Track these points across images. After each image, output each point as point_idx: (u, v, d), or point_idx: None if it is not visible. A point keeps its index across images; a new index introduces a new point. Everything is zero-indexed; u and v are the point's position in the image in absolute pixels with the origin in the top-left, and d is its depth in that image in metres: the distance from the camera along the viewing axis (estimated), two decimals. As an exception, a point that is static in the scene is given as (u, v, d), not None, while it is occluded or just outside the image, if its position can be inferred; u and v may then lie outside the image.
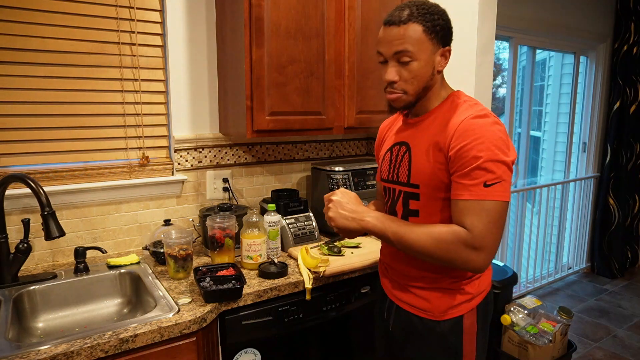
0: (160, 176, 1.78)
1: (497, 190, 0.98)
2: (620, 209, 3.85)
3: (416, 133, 1.15)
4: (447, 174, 1.05)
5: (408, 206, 1.14)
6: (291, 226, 1.74)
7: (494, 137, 0.99)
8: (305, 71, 1.68)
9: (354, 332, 1.61)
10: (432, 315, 1.14)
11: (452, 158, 1.03)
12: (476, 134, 0.99)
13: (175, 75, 1.77)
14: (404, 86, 1.09)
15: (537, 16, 3.15)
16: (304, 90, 1.69)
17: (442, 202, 1.08)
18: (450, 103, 1.12)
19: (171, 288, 1.37)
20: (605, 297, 3.51)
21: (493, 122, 1.02)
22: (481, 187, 0.98)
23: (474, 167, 0.98)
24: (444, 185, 1.06)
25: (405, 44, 1.05)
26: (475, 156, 0.98)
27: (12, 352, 1.01)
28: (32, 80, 1.53)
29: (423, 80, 1.09)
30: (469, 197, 1.00)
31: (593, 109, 3.84)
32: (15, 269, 1.41)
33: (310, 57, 1.69)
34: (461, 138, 1.01)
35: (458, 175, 1.01)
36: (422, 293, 1.15)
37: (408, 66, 1.07)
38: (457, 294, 1.13)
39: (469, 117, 1.02)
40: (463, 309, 1.13)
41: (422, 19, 1.05)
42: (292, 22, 1.62)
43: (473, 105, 1.08)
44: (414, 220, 1.13)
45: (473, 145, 0.99)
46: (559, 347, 2.18)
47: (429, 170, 1.08)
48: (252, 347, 1.38)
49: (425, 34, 1.05)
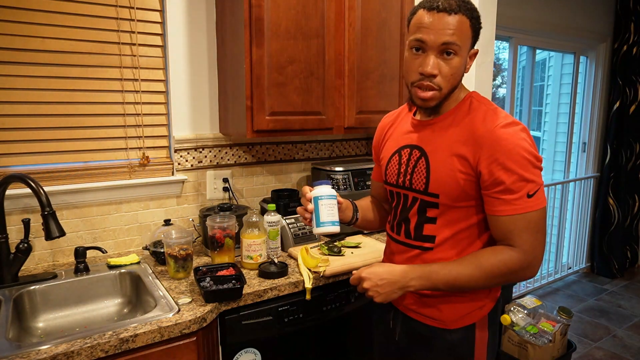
0: (160, 176, 1.78)
1: (539, 198, 0.95)
2: (620, 209, 3.86)
3: (432, 136, 1.07)
4: (474, 186, 1.00)
5: (425, 214, 1.08)
6: (291, 226, 1.74)
7: (527, 144, 0.95)
8: (305, 71, 1.68)
9: (354, 332, 1.61)
10: (443, 324, 1.09)
11: (483, 172, 0.97)
12: (509, 145, 0.94)
13: (175, 75, 1.77)
14: (440, 82, 0.99)
15: (537, 16, 3.15)
16: (304, 90, 1.69)
17: (464, 210, 1.04)
18: (469, 105, 1.04)
19: (171, 288, 1.37)
20: (605, 297, 3.51)
21: (521, 128, 0.97)
22: (525, 199, 0.94)
23: (515, 180, 0.94)
24: (467, 195, 1.01)
25: (454, 36, 0.95)
26: (513, 169, 0.93)
27: (12, 352, 1.01)
28: (32, 80, 1.53)
29: (458, 79, 1.02)
30: (513, 212, 0.95)
31: (593, 109, 3.85)
32: (15, 269, 1.41)
33: (310, 57, 1.69)
34: (493, 150, 0.95)
35: (497, 191, 0.96)
36: (432, 301, 1.10)
37: (451, 61, 0.97)
38: (470, 302, 1.08)
39: (498, 127, 0.96)
40: (475, 317, 1.08)
41: (468, 13, 0.96)
42: (292, 22, 1.62)
43: (496, 111, 1.01)
44: (429, 227, 1.08)
45: (508, 157, 0.94)
46: (558, 347, 2.18)
47: (451, 180, 1.01)
48: (252, 347, 1.38)
49: (470, 29, 0.97)
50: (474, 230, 1.05)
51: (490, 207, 0.99)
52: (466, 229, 1.05)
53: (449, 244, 1.06)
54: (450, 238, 1.06)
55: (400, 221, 1.15)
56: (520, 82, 3.48)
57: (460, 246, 1.06)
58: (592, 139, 3.89)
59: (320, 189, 1.12)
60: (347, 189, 1.86)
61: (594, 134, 3.88)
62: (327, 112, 1.77)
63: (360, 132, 2.30)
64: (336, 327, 1.56)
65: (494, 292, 1.11)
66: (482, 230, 1.06)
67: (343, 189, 1.85)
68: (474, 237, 1.06)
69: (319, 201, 1.10)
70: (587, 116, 3.86)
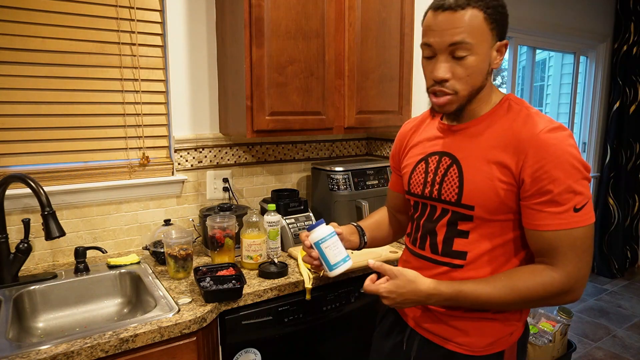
0: (160, 176, 1.78)
1: (587, 213, 0.86)
2: (620, 209, 3.86)
3: (465, 143, 0.98)
4: (514, 197, 0.91)
5: (455, 227, 0.98)
6: (291, 226, 1.74)
7: (577, 151, 0.86)
8: (305, 71, 1.68)
9: (354, 332, 1.61)
10: (470, 350, 0.98)
11: (526, 181, 0.87)
12: (558, 152, 0.85)
13: (175, 75, 1.77)
14: (456, 86, 0.92)
15: (537, 16, 3.15)
16: (304, 90, 1.69)
17: (499, 224, 0.94)
18: (507, 109, 0.95)
19: (171, 288, 1.37)
20: (605, 297, 3.51)
21: (569, 134, 0.88)
22: (571, 212, 0.85)
23: (562, 190, 0.84)
24: (507, 207, 0.92)
25: (463, 34, 0.87)
26: (561, 178, 0.84)
27: (12, 351, 1.01)
28: (32, 80, 1.53)
29: (479, 79, 0.92)
30: (558, 227, 0.86)
31: (593, 109, 3.85)
32: (15, 269, 1.41)
33: (310, 57, 1.68)
34: (538, 157, 0.86)
35: (541, 202, 0.87)
36: (459, 324, 0.98)
37: (464, 61, 0.89)
38: (501, 326, 0.98)
39: (543, 131, 0.87)
40: (504, 343, 0.98)
41: (482, 4, 0.88)
42: (292, 22, 1.62)
43: (539, 114, 0.92)
44: (460, 242, 0.97)
45: (555, 164, 0.84)
46: (558, 347, 2.18)
47: (488, 190, 0.92)
48: (252, 347, 1.38)
49: (486, 22, 0.88)
50: (510, 246, 0.95)
51: (531, 221, 0.89)
52: (502, 245, 0.95)
53: (483, 261, 0.96)
54: (484, 255, 0.96)
55: (424, 234, 1.05)
56: (520, 82, 3.48)
57: (495, 264, 0.96)
58: (592, 139, 3.89)
59: (316, 232, 1.08)
60: (347, 189, 1.86)
61: (594, 134, 3.88)
62: (327, 112, 1.76)
63: (360, 132, 2.30)
64: (336, 327, 1.56)
65: (525, 314, 1.02)
66: (520, 247, 0.96)
67: (343, 189, 1.85)
68: (510, 254, 0.96)
69: (321, 245, 1.07)
70: (587, 116, 3.86)
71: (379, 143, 2.25)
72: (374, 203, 1.88)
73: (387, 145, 2.20)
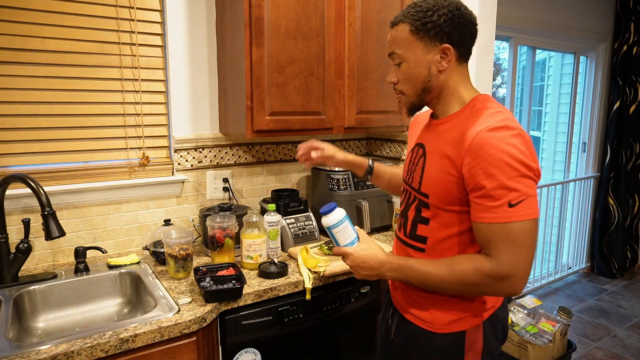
0: (160, 176, 1.78)
1: (525, 209, 0.89)
2: (620, 209, 3.86)
3: (434, 137, 1.08)
4: (462, 190, 0.97)
5: (420, 213, 1.08)
6: (291, 226, 1.74)
7: (516, 150, 0.89)
8: (305, 71, 1.68)
9: (354, 332, 1.61)
10: (432, 327, 1.08)
11: (466, 176, 0.94)
12: (492, 150, 0.90)
13: (175, 75, 1.77)
14: (401, 87, 1.08)
15: (537, 16, 3.15)
16: (304, 90, 1.69)
17: (457, 215, 1.00)
18: (472, 109, 1.02)
19: (171, 288, 1.38)
20: (605, 297, 3.51)
21: (513, 134, 0.91)
22: (506, 207, 0.89)
23: (495, 186, 0.89)
24: (455, 199, 0.99)
25: (392, 46, 1.06)
26: (494, 175, 0.89)
27: (12, 351, 1.01)
28: (32, 80, 1.53)
29: (418, 81, 1.04)
30: (492, 220, 0.91)
31: (593, 109, 3.85)
32: (15, 269, 1.41)
33: (310, 57, 1.69)
34: (476, 154, 0.92)
35: (478, 196, 0.93)
36: (424, 302, 1.09)
37: (400, 68, 1.06)
38: (460, 307, 1.05)
39: (485, 130, 0.92)
40: (466, 324, 1.05)
41: (411, 18, 1.01)
42: (291, 22, 1.62)
43: (494, 114, 0.97)
44: (422, 227, 1.07)
45: (490, 162, 0.90)
46: (558, 347, 2.18)
47: (438, 182, 1.01)
48: (252, 347, 1.38)
49: (411, 33, 1.01)
50: (467, 236, 1.02)
51: (473, 212, 0.96)
52: (459, 234, 1.02)
53: (441, 247, 1.04)
54: (442, 242, 1.04)
55: (402, 217, 1.17)
56: (520, 82, 3.48)
57: (453, 251, 1.03)
58: (592, 139, 3.89)
59: (329, 218, 1.14)
60: (347, 189, 1.86)
61: (594, 134, 3.88)
62: (327, 112, 1.77)
63: (360, 132, 2.30)
64: (336, 327, 1.56)
65: (490, 302, 1.08)
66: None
67: (343, 189, 1.85)
68: (466, 244, 1.02)
69: (332, 230, 1.14)
70: (587, 116, 3.86)
71: (379, 143, 2.25)
72: (374, 203, 1.88)
73: (387, 145, 2.20)
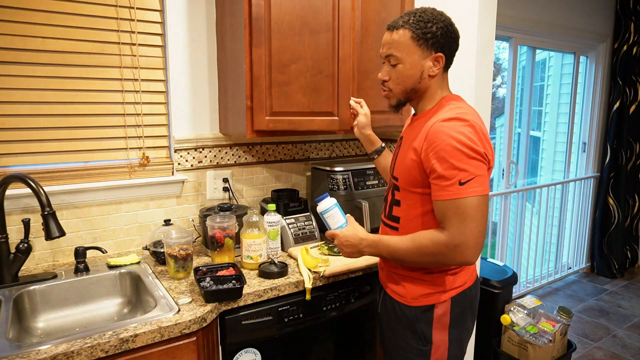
0: (160, 176, 1.78)
1: (473, 187, 1.03)
2: (620, 209, 3.86)
3: (410, 130, 1.24)
4: (422, 173, 1.12)
5: (394, 196, 1.24)
6: (291, 226, 1.74)
7: (464, 137, 1.04)
8: (312, 69, 1.65)
9: (354, 332, 1.61)
10: (405, 300, 1.22)
11: (424, 160, 1.10)
12: (443, 137, 1.05)
13: (175, 75, 1.77)
14: (391, 85, 1.21)
15: (537, 16, 3.15)
16: (311, 89, 1.66)
17: (420, 196, 1.15)
18: (438, 106, 1.19)
19: (171, 288, 1.38)
20: (605, 297, 3.51)
21: (462, 124, 1.06)
22: (457, 186, 1.04)
23: (446, 167, 1.04)
24: (418, 182, 1.14)
25: (392, 49, 1.17)
26: (444, 158, 1.04)
27: (12, 351, 1.01)
28: (32, 80, 1.53)
29: (409, 82, 1.18)
30: (446, 197, 1.05)
31: (593, 109, 3.85)
32: (15, 269, 1.41)
33: (319, 53, 1.65)
34: (430, 141, 1.08)
35: (434, 177, 1.07)
36: (399, 279, 1.25)
37: (395, 68, 1.18)
38: (430, 284, 1.19)
39: (439, 121, 1.09)
40: (434, 299, 1.19)
41: (413, 26, 1.14)
42: (296, 17, 1.59)
43: (453, 109, 1.13)
44: (396, 209, 1.23)
45: (441, 147, 1.05)
46: (558, 347, 2.18)
47: (405, 167, 1.17)
48: (252, 347, 1.38)
49: (412, 40, 1.14)
50: (429, 216, 1.15)
51: (432, 193, 1.10)
52: (426, 214, 1.15)
53: (411, 226, 1.19)
54: (412, 221, 1.19)
55: (384, 201, 1.33)
56: (520, 82, 3.48)
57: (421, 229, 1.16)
58: (592, 139, 3.89)
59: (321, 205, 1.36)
60: (347, 189, 1.86)
61: (594, 134, 3.88)
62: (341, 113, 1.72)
63: (360, 132, 2.29)
64: (336, 327, 1.56)
65: (461, 278, 1.21)
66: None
67: (343, 189, 1.85)
68: (430, 223, 1.15)
69: (324, 215, 1.34)
70: (587, 116, 3.86)
71: (379, 143, 2.25)
72: (374, 203, 1.88)
73: (387, 145, 2.20)
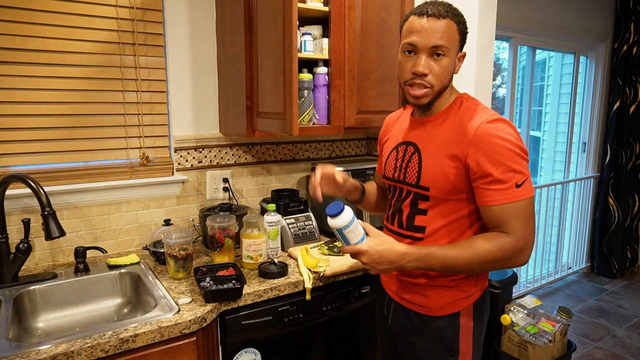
0: (160, 176, 1.78)
1: (527, 188, 1.02)
2: (620, 209, 3.86)
3: (425, 135, 1.15)
4: (465, 180, 1.06)
5: (417, 206, 1.15)
6: (291, 226, 1.74)
7: (513, 137, 1.01)
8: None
9: (354, 332, 1.61)
10: (430, 311, 1.16)
11: (471, 166, 1.03)
12: (495, 139, 1.01)
13: (176, 75, 1.77)
14: (432, 80, 1.07)
15: (537, 16, 3.15)
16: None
17: (453, 203, 1.10)
18: (460, 105, 1.12)
19: (171, 288, 1.38)
20: (605, 297, 3.51)
21: (508, 124, 1.04)
22: (514, 189, 1.00)
23: (503, 170, 1.00)
24: (457, 189, 1.08)
25: (443, 39, 1.04)
26: (500, 161, 1.00)
27: (12, 351, 1.01)
28: (32, 80, 1.53)
29: (447, 78, 1.09)
30: (505, 200, 1.01)
31: (593, 109, 3.84)
32: (15, 269, 1.41)
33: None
34: (480, 145, 1.02)
35: (486, 182, 1.02)
36: (421, 290, 1.17)
37: (440, 61, 1.06)
38: (455, 291, 1.15)
39: (484, 122, 1.03)
40: (459, 305, 1.15)
41: (456, 18, 1.07)
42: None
43: (485, 109, 1.08)
44: (420, 218, 1.14)
45: (495, 150, 1.00)
46: (558, 347, 2.18)
47: (441, 174, 1.08)
48: (252, 347, 1.38)
49: (458, 32, 1.07)
50: (464, 221, 1.11)
51: (482, 198, 1.04)
52: (457, 220, 1.11)
53: (440, 234, 1.12)
54: (441, 229, 1.12)
55: (394, 212, 1.23)
56: (520, 82, 3.48)
57: (451, 236, 1.12)
58: (592, 139, 3.89)
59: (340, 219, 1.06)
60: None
61: (594, 134, 3.88)
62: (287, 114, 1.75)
63: (360, 132, 2.30)
64: (336, 327, 1.56)
65: (480, 282, 1.17)
66: (473, 220, 1.12)
67: (343, 189, 1.85)
68: (464, 227, 1.11)
69: (344, 231, 1.07)
70: (587, 116, 3.86)
71: (379, 143, 2.25)
72: (374, 203, 1.88)
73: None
